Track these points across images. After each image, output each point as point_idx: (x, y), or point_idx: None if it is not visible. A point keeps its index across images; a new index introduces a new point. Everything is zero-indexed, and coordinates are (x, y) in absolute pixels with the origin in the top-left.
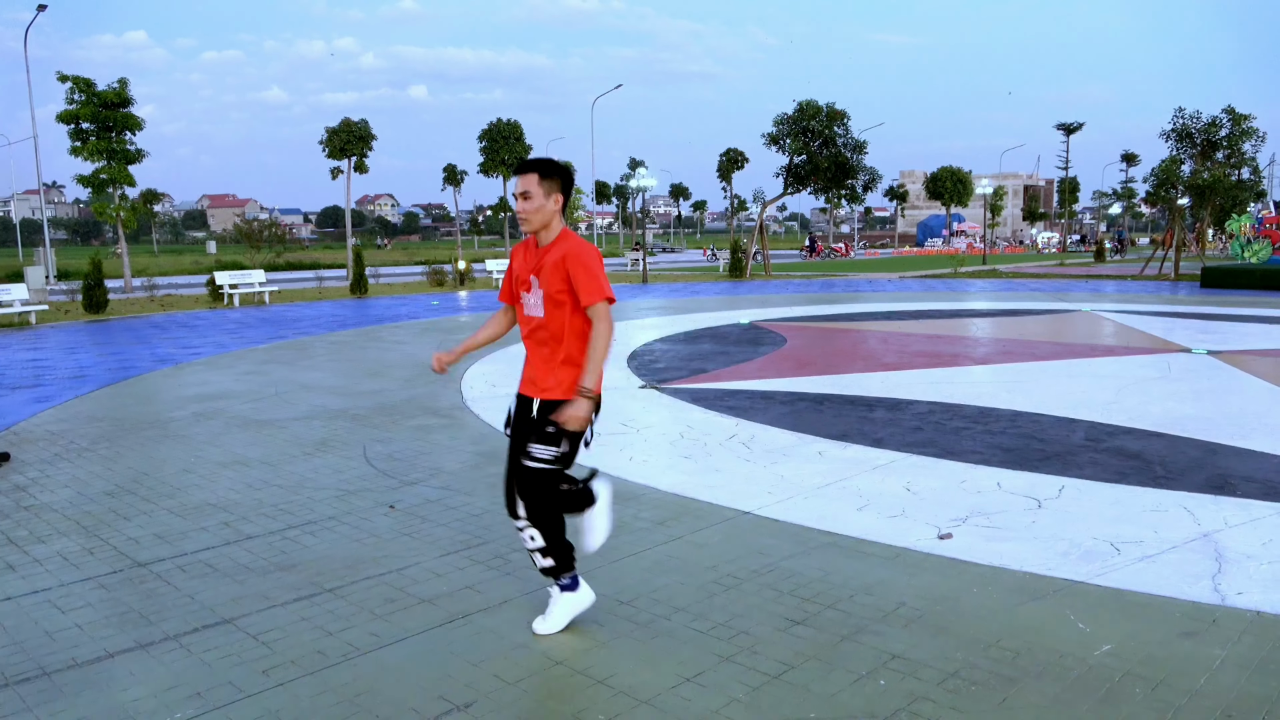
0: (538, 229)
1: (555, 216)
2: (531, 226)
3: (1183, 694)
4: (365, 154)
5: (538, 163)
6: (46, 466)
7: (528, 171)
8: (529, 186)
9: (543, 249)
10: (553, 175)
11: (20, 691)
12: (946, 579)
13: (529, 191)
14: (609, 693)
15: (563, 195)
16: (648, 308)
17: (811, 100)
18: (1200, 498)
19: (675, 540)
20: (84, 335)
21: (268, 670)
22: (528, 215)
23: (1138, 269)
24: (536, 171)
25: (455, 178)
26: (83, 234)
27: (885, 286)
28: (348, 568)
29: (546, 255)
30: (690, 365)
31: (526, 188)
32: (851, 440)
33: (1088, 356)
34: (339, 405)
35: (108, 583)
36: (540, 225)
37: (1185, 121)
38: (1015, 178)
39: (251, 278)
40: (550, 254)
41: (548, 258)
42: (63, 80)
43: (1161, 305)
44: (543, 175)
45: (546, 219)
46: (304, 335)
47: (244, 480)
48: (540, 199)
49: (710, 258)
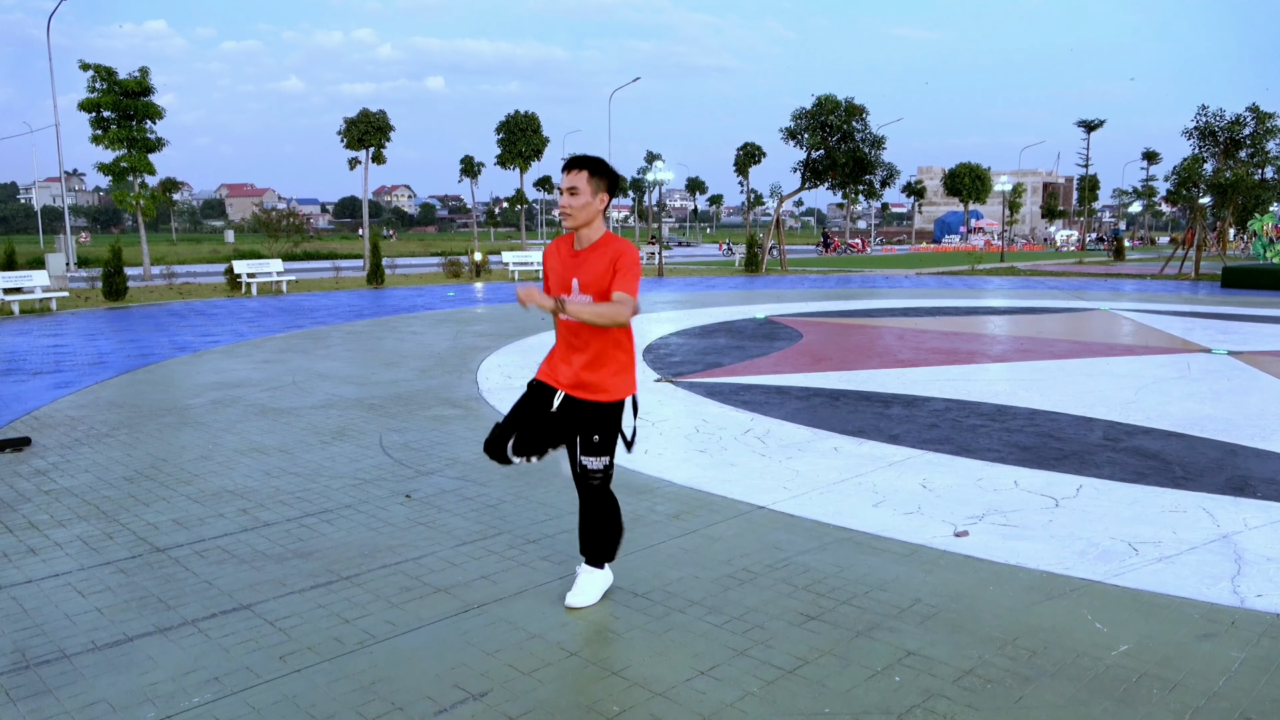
0: (580, 226)
1: (599, 216)
2: (575, 223)
3: (1200, 695)
4: (383, 145)
5: (589, 160)
6: (67, 451)
7: (578, 168)
8: (577, 182)
9: (582, 251)
10: (602, 174)
11: (41, 673)
12: (962, 576)
13: (577, 187)
14: (623, 684)
15: (609, 196)
16: (663, 301)
17: (830, 95)
18: (1219, 499)
19: (690, 534)
20: (103, 322)
21: (285, 656)
22: (573, 211)
23: (1157, 268)
24: (587, 169)
25: (472, 169)
26: (103, 222)
27: (902, 283)
28: (364, 556)
29: (590, 257)
30: (705, 359)
31: (575, 183)
32: (867, 436)
33: (1106, 355)
34: (355, 394)
35: (127, 567)
36: (583, 223)
37: (1208, 119)
38: (1035, 175)
39: (269, 267)
40: (595, 256)
41: (591, 259)
42: (84, 69)
43: (1181, 305)
44: (593, 173)
45: (590, 217)
46: (321, 325)
47: (261, 468)
48: (588, 196)
49: (726, 252)
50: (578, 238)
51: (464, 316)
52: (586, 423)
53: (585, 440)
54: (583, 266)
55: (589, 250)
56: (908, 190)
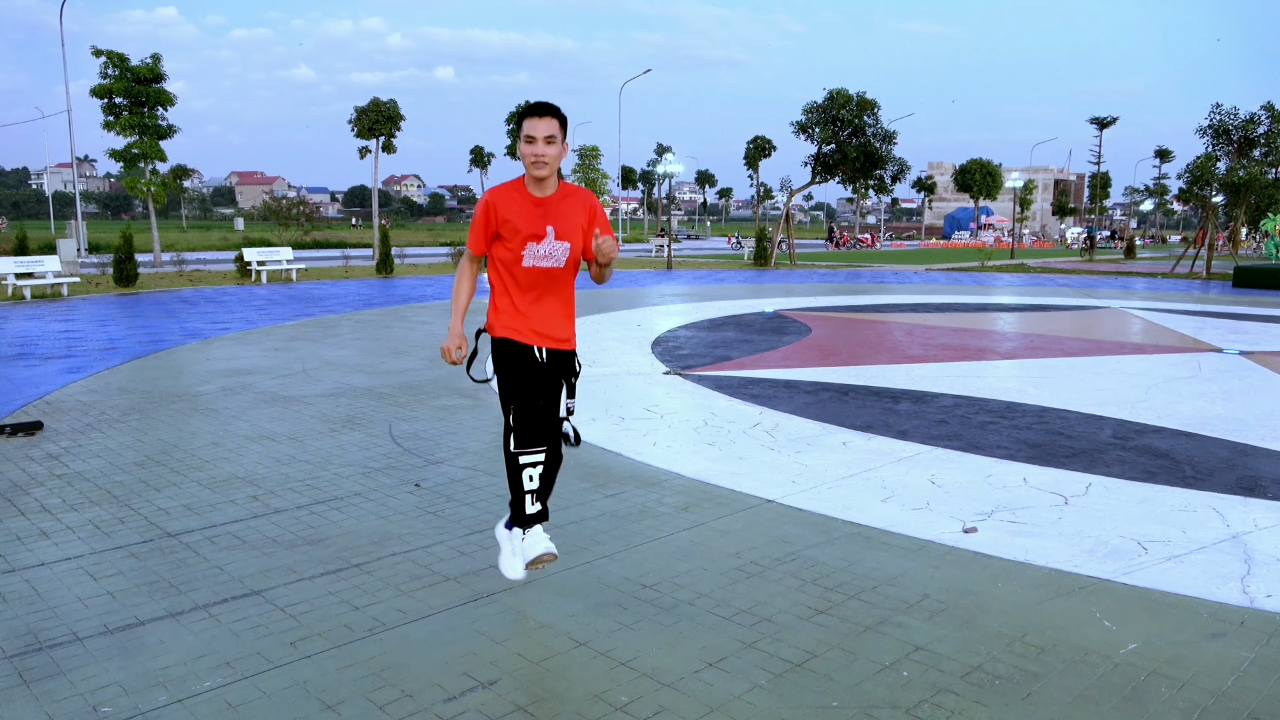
0: (550, 174)
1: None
2: (548, 172)
3: (1209, 695)
4: (393, 134)
5: (556, 108)
6: (79, 436)
7: (550, 114)
8: (555, 130)
9: (548, 199)
10: (566, 123)
11: (54, 655)
12: (971, 573)
13: (554, 135)
14: (631, 675)
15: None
16: (672, 294)
17: (842, 89)
18: (1229, 499)
19: (698, 526)
20: (114, 308)
21: (295, 642)
22: (550, 160)
23: (1169, 267)
24: (558, 117)
25: (482, 160)
26: (113, 208)
27: (911, 279)
28: (374, 544)
29: (561, 205)
30: (714, 352)
31: (552, 131)
32: (876, 431)
33: (1116, 354)
34: (365, 383)
35: (138, 551)
36: (554, 171)
37: (1222, 117)
38: (1046, 171)
39: (279, 255)
40: (568, 204)
41: (564, 208)
42: (97, 55)
43: (1192, 304)
44: (563, 122)
45: (558, 166)
46: (330, 313)
47: (271, 455)
48: (559, 144)
49: (735, 245)
50: (537, 185)
51: (472, 306)
52: (567, 371)
53: (569, 386)
54: (555, 214)
55: (557, 198)
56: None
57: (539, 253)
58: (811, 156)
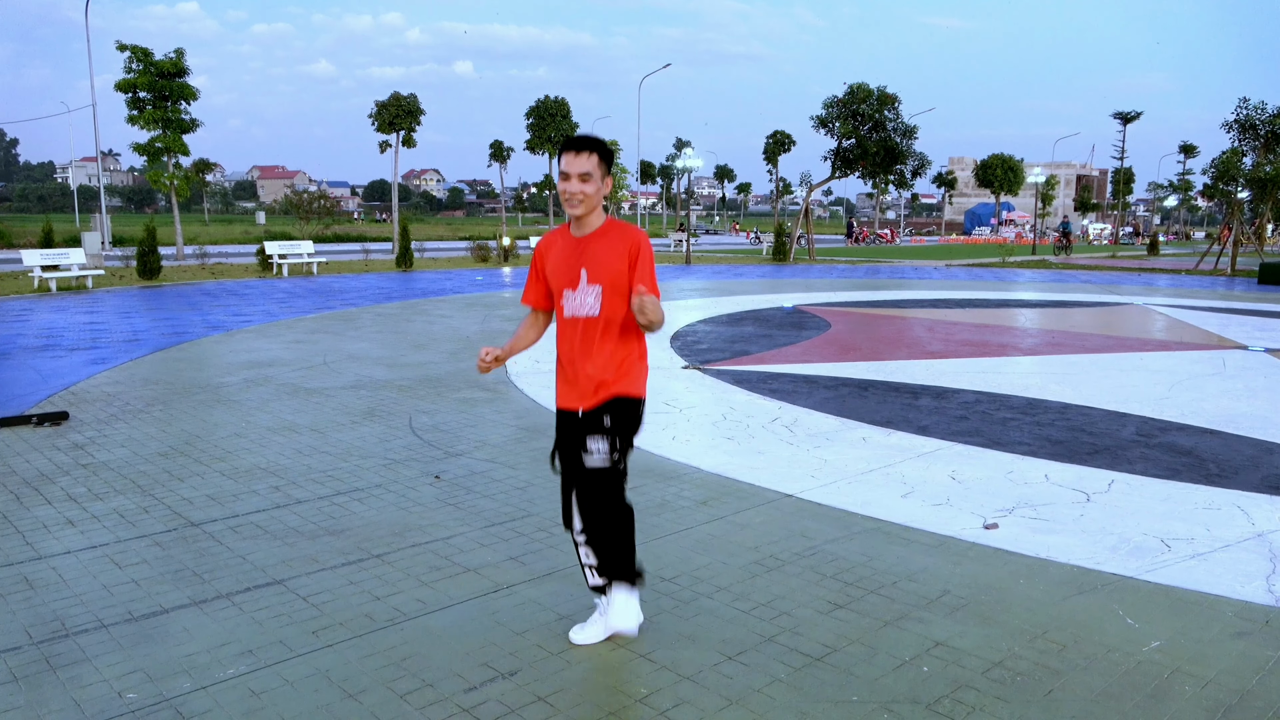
0: (587, 213)
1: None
2: (585, 210)
3: (1233, 693)
4: (414, 128)
5: (598, 142)
6: (103, 426)
7: (589, 150)
8: (591, 168)
9: (585, 238)
10: (608, 158)
11: (80, 642)
12: (992, 569)
13: (590, 173)
14: (651, 667)
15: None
16: (691, 289)
17: (863, 83)
18: (1255, 497)
19: (717, 520)
20: (138, 300)
21: (317, 631)
22: (586, 197)
23: (1193, 263)
24: (598, 152)
25: (501, 154)
26: (136, 201)
27: (931, 274)
28: (394, 535)
29: (596, 246)
30: (733, 347)
31: (589, 169)
32: (896, 427)
33: (1139, 350)
34: (385, 376)
35: (163, 540)
36: (592, 209)
37: (1249, 112)
38: (1069, 167)
39: (300, 248)
40: (604, 244)
41: (598, 248)
42: (121, 49)
43: (1217, 301)
44: (603, 157)
45: (598, 203)
46: (351, 306)
47: (293, 446)
48: (598, 181)
49: (753, 240)
50: (577, 224)
51: (492, 300)
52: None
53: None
54: (589, 255)
55: (594, 238)
56: (938, 181)
57: (575, 301)
58: (831, 151)
